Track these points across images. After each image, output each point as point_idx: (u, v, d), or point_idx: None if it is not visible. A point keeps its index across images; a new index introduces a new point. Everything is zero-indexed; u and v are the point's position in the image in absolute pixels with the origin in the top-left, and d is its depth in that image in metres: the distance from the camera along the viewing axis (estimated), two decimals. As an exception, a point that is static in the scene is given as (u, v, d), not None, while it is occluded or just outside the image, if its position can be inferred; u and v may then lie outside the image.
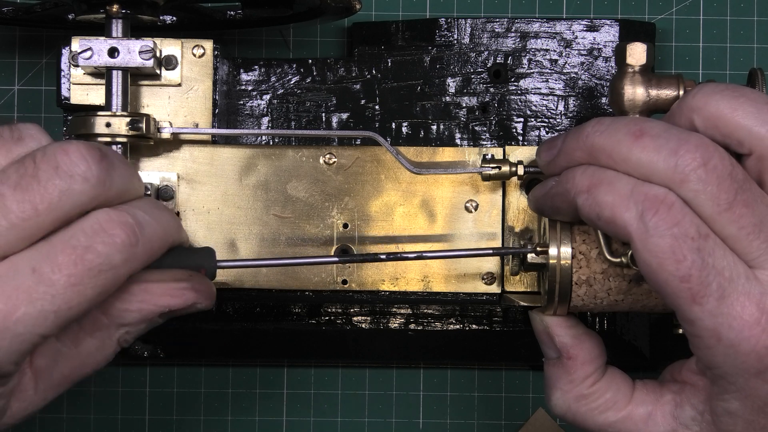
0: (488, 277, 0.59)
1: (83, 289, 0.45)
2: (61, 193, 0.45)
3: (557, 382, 0.52)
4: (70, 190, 0.45)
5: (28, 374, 0.47)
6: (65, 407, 0.65)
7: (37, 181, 0.45)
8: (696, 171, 0.45)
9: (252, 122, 0.61)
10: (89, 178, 0.45)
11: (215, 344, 0.62)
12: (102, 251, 0.45)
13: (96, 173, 0.45)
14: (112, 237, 0.45)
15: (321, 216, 0.59)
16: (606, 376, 0.52)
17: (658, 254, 0.45)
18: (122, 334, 0.50)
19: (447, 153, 0.59)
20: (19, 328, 0.44)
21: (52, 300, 0.44)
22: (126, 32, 0.56)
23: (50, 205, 0.45)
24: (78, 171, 0.45)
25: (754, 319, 0.45)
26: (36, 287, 0.44)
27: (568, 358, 0.52)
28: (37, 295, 0.44)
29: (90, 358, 0.49)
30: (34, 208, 0.45)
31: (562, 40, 0.61)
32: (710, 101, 0.47)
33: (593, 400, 0.51)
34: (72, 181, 0.45)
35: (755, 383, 0.46)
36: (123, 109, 0.56)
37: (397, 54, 0.61)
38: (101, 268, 0.45)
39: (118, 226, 0.46)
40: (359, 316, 0.61)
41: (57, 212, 0.45)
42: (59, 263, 0.44)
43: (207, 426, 0.65)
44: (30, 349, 0.45)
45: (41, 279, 0.44)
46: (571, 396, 0.52)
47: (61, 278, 0.44)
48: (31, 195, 0.45)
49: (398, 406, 0.65)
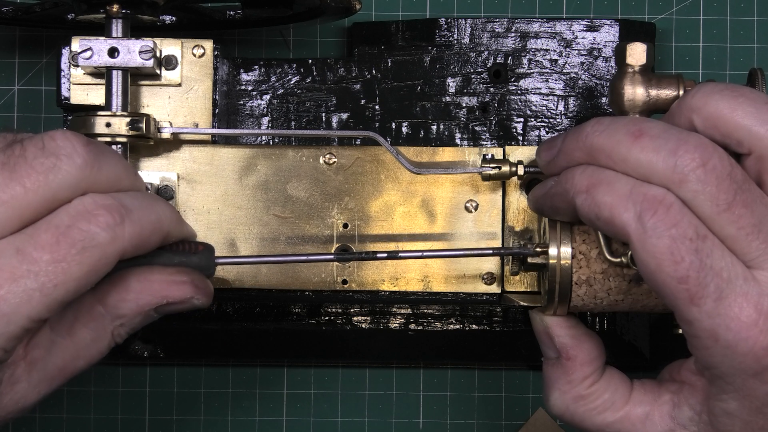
0: (488, 277, 0.59)
1: (68, 267, 0.45)
2: (47, 171, 0.45)
3: (556, 382, 0.52)
4: (57, 168, 0.46)
5: (21, 366, 0.47)
6: (65, 407, 0.65)
7: (25, 160, 0.45)
8: (695, 171, 0.45)
9: (252, 122, 0.61)
10: (75, 159, 0.46)
11: (215, 344, 0.62)
12: (84, 228, 0.45)
13: (82, 154, 0.46)
14: (95, 216, 0.46)
15: (321, 216, 0.59)
16: (604, 376, 0.52)
17: (657, 255, 0.45)
18: (117, 327, 0.50)
19: (447, 153, 0.59)
20: (3, 307, 0.45)
21: (36, 278, 0.45)
22: (126, 32, 0.56)
23: (38, 183, 0.45)
24: (64, 152, 0.46)
25: (751, 321, 0.45)
26: (19, 266, 0.45)
27: (567, 359, 0.52)
28: (20, 273, 0.45)
29: (84, 351, 0.49)
30: (21, 186, 0.45)
31: (562, 40, 0.61)
32: (709, 101, 0.47)
33: (591, 401, 0.51)
34: (58, 160, 0.46)
35: (753, 384, 0.46)
36: (123, 109, 0.56)
37: (397, 54, 0.61)
38: (84, 244, 0.45)
39: (102, 206, 0.46)
40: (359, 316, 0.61)
41: (44, 191, 0.46)
42: (42, 242, 0.45)
43: (207, 426, 0.65)
44: (20, 334, 0.45)
45: (24, 258, 0.45)
46: (569, 396, 0.52)
47: (43, 255, 0.45)
48: (18, 173, 0.45)
49: (398, 406, 0.65)
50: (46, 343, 0.48)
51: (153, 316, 0.50)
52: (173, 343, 0.62)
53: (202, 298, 0.51)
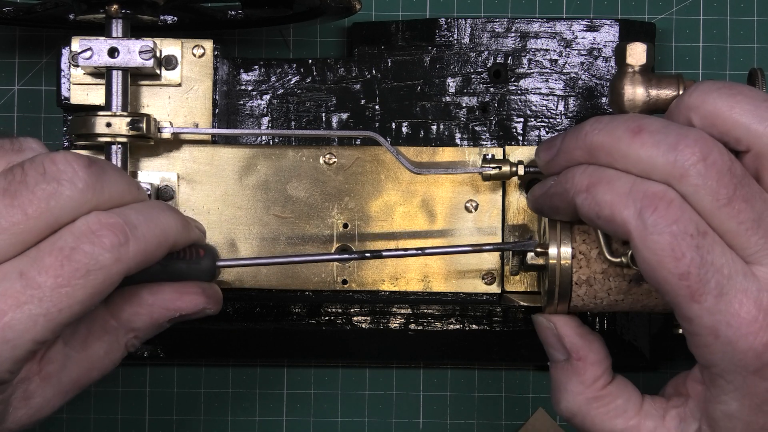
0: (488, 277, 0.59)
1: (72, 291, 0.45)
2: (49, 197, 0.45)
3: (567, 384, 0.51)
4: (58, 195, 0.45)
5: (36, 381, 0.47)
6: (65, 407, 0.65)
7: (26, 186, 0.45)
8: (695, 166, 0.45)
9: (252, 122, 0.61)
10: (77, 183, 0.45)
11: (215, 344, 0.62)
12: (89, 251, 0.45)
13: (83, 178, 0.46)
14: (99, 237, 0.45)
15: (321, 216, 0.59)
16: (616, 381, 0.51)
17: (657, 251, 0.45)
18: (130, 339, 0.50)
19: (447, 153, 0.59)
20: (8, 333, 0.44)
21: (40, 303, 0.44)
22: (126, 32, 0.56)
23: (39, 209, 0.45)
24: (65, 177, 0.45)
25: (751, 317, 0.45)
26: (23, 291, 0.44)
27: (577, 359, 0.51)
28: (24, 298, 0.44)
29: (98, 363, 0.49)
30: (23, 212, 0.45)
31: (562, 40, 0.61)
32: (707, 99, 0.47)
33: (605, 404, 0.51)
34: (59, 185, 0.45)
35: (753, 380, 0.46)
36: (123, 109, 0.56)
37: (397, 54, 0.61)
38: (89, 267, 0.45)
39: (105, 226, 0.45)
40: (359, 316, 0.61)
41: (47, 217, 0.45)
42: (45, 265, 0.44)
43: (207, 426, 0.65)
44: (25, 356, 0.45)
45: (28, 283, 0.44)
46: (582, 398, 0.51)
47: (47, 280, 0.44)
48: (20, 200, 0.45)
49: (398, 406, 0.65)
50: (60, 358, 0.48)
51: (165, 326, 0.51)
52: (173, 343, 0.62)
53: (213, 306, 0.51)
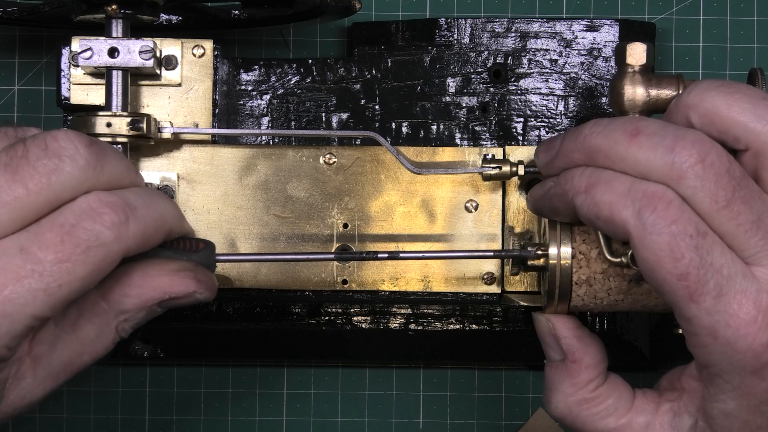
0: (488, 277, 0.59)
1: (72, 266, 0.45)
2: (50, 173, 0.45)
3: (559, 384, 0.52)
4: (59, 170, 0.46)
5: (26, 362, 0.48)
6: (65, 407, 0.65)
7: (27, 161, 0.46)
8: (693, 168, 0.45)
9: (252, 122, 0.61)
10: (78, 160, 0.46)
11: (215, 344, 0.62)
12: (89, 228, 0.45)
13: (84, 155, 0.46)
14: (100, 215, 0.46)
15: (321, 216, 0.59)
16: (608, 382, 0.51)
17: (657, 252, 0.45)
18: (121, 322, 0.50)
19: (447, 153, 0.59)
20: (8, 307, 0.45)
21: (40, 278, 0.45)
22: (126, 32, 0.56)
23: (40, 185, 0.45)
24: (66, 153, 0.46)
25: (750, 317, 0.45)
26: (23, 266, 0.45)
27: (572, 361, 0.51)
28: (24, 273, 0.45)
29: (89, 346, 0.50)
30: (24, 187, 0.45)
31: (562, 40, 0.61)
32: (706, 98, 0.47)
33: (595, 405, 0.51)
34: (60, 161, 0.46)
35: (751, 381, 0.46)
36: (123, 109, 0.56)
37: (397, 54, 0.61)
38: (89, 244, 0.45)
39: (106, 204, 0.46)
40: (359, 316, 0.61)
41: (47, 193, 0.46)
42: (46, 241, 0.45)
43: (207, 426, 0.65)
44: (24, 332, 0.46)
45: (29, 257, 0.45)
46: (573, 399, 0.51)
47: (48, 255, 0.45)
48: (21, 175, 0.45)
49: (398, 406, 0.65)
50: (50, 338, 0.48)
51: (157, 310, 0.51)
52: (173, 343, 0.62)
53: (205, 292, 0.51)
